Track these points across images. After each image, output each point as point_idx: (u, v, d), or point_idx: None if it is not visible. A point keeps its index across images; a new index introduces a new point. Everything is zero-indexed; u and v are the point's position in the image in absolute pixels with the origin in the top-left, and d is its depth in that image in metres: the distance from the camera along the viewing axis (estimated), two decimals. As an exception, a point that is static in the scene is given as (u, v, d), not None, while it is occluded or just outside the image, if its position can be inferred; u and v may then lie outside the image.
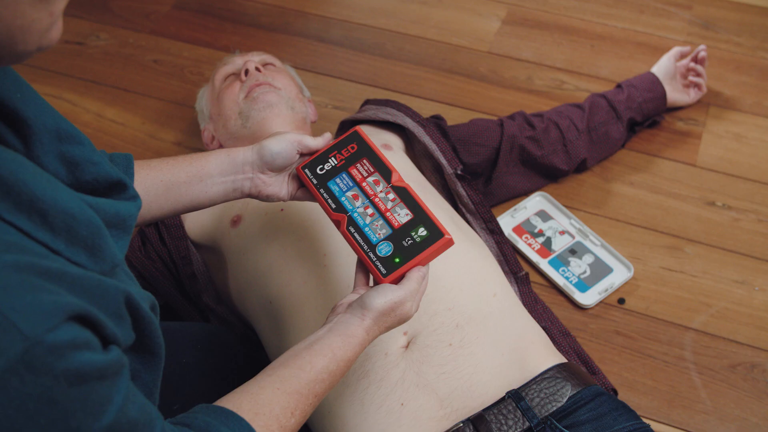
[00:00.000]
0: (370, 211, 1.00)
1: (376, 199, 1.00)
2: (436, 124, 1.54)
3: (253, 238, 1.26)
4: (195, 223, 1.39)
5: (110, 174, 0.81)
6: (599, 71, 1.86)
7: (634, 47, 1.91)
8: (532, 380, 1.06)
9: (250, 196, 1.07)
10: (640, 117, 1.67)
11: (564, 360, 1.14)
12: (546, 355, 1.12)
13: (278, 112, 1.45)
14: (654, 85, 1.67)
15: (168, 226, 1.39)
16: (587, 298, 1.44)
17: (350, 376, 1.09)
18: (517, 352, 1.10)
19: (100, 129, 1.81)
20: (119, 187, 0.81)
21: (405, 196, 1.00)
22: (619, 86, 1.68)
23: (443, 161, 1.46)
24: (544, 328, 1.33)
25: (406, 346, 1.10)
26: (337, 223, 1.01)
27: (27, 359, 0.57)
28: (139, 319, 0.73)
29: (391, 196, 1.00)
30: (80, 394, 0.62)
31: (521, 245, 1.53)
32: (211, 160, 1.05)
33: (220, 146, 1.54)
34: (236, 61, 1.56)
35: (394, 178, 1.02)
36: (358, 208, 1.00)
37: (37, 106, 0.76)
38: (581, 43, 1.93)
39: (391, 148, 1.38)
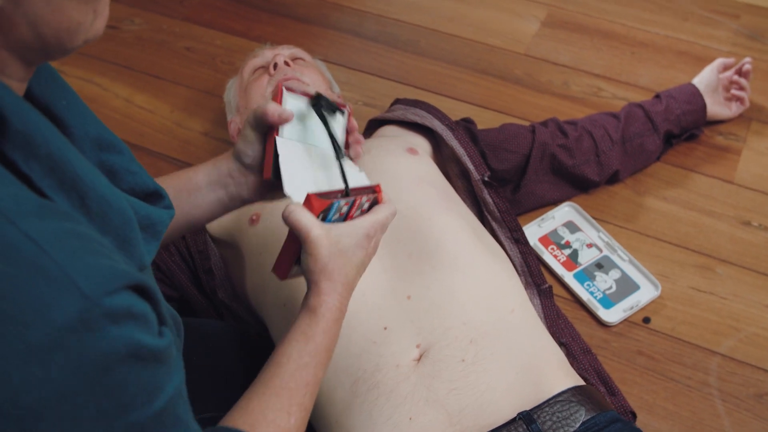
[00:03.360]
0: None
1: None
2: (465, 127, 1.50)
3: (271, 238, 1.24)
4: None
5: (147, 184, 0.82)
6: (638, 79, 1.81)
7: (676, 56, 1.85)
8: (544, 402, 1.02)
9: (251, 201, 1.04)
10: (678, 129, 1.61)
11: (581, 382, 1.10)
12: (562, 377, 1.08)
13: (305, 108, 1.43)
14: (694, 97, 1.62)
15: (187, 219, 1.38)
16: (611, 315, 1.40)
17: (360, 386, 1.07)
18: (531, 371, 1.07)
19: (129, 115, 1.80)
20: (155, 197, 0.82)
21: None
22: (657, 96, 1.63)
23: (470, 166, 1.42)
24: (565, 344, 1.30)
25: (418, 359, 1.07)
26: None
27: (85, 318, 0.57)
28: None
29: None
30: (136, 370, 0.62)
31: (547, 256, 1.49)
32: (199, 172, 1.02)
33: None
34: (266, 54, 1.54)
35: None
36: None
37: (81, 114, 0.78)
38: (621, 50, 1.88)
39: (416, 152, 1.35)
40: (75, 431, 0.59)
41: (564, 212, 1.55)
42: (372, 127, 1.56)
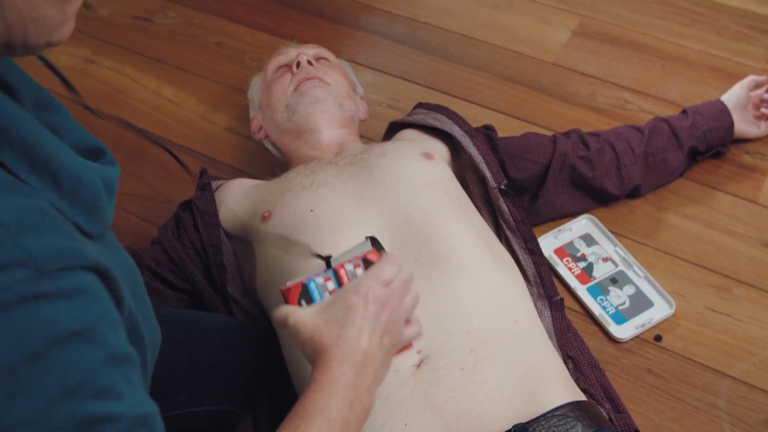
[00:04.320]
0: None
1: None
2: (486, 134, 1.49)
3: (281, 236, 1.25)
4: (228, 214, 1.39)
5: (89, 140, 0.83)
6: (667, 93, 1.78)
7: (708, 71, 1.82)
8: (541, 416, 1.01)
9: None
10: (703, 146, 1.58)
11: (581, 397, 1.09)
12: (561, 391, 1.07)
13: (325, 108, 1.44)
14: (722, 114, 1.59)
15: (203, 213, 1.39)
16: (623, 331, 1.38)
17: (358, 388, 1.06)
18: (530, 383, 1.06)
19: (156, 107, 1.83)
20: (98, 153, 0.83)
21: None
22: (684, 112, 1.60)
23: (487, 174, 1.41)
24: (572, 358, 1.28)
25: (418, 365, 1.07)
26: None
27: (37, 289, 0.59)
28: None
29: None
30: (85, 352, 0.61)
31: (561, 268, 1.47)
32: None
33: (267, 136, 1.53)
34: (290, 53, 1.55)
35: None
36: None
37: (19, 75, 0.79)
38: (652, 63, 1.85)
39: (432, 157, 1.34)
40: (14, 407, 0.58)
41: (581, 225, 1.53)
42: (392, 130, 1.56)
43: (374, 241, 0.91)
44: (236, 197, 1.41)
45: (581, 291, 1.44)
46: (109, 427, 0.61)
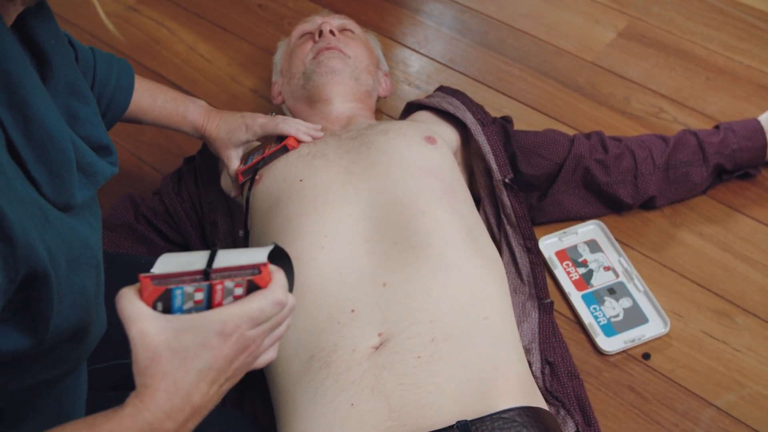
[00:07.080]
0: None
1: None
2: (501, 125, 1.46)
3: (267, 201, 1.24)
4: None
5: (102, 138, 0.86)
6: (706, 107, 1.70)
7: (754, 89, 1.74)
8: (487, 416, 0.98)
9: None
10: (731, 165, 1.51)
11: (537, 404, 1.05)
12: (515, 394, 1.03)
13: (340, 80, 1.42)
14: (756, 133, 1.51)
15: (204, 171, 1.40)
16: (610, 344, 1.33)
17: (314, 363, 1.06)
18: (484, 382, 1.03)
19: (188, 62, 1.84)
20: (105, 151, 0.85)
21: None
22: (716, 127, 1.53)
23: (493, 166, 1.38)
24: (551, 364, 1.25)
25: (376, 348, 1.05)
26: None
27: None
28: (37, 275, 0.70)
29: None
30: None
31: (559, 271, 1.43)
32: (194, 120, 1.30)
33: (284, 102, 1.52)
34: (315, 20, 1.54)
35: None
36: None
37: (64, 58, 0.83)
38: (696, 73, 1.77)
39: (434, 141, 1.31)
40: None
41: (588, 230, 1.48)
42: (408, 110, 1.54)
43: (276, 253, 0.77)
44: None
45: (575, 297, 1.40)
46: None
